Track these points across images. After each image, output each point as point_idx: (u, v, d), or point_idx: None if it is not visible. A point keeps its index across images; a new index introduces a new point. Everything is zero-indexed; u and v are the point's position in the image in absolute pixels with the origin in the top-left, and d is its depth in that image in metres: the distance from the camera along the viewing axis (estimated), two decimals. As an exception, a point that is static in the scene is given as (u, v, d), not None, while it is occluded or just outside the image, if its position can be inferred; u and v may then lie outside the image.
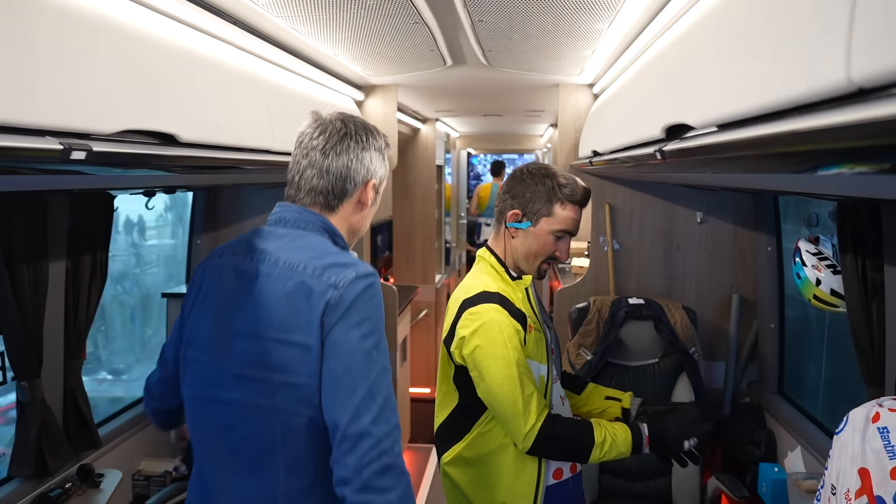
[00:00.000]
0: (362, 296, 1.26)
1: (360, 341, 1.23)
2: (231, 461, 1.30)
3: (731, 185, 1.89)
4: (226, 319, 1.32)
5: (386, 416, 1.21)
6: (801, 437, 2.71)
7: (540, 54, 2.46)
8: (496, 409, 1.67)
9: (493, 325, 1.65)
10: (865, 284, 2.12)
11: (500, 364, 1.63)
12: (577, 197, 1.73)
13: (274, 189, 3.36)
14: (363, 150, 1.42)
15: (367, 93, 3.37)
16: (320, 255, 1.31)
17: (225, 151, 1.59)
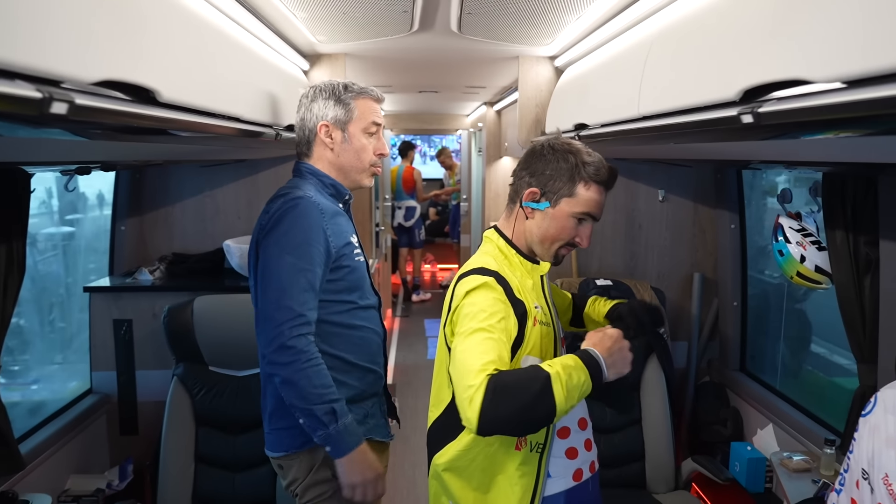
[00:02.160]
0: (284, 215, 1.67)
1: (275, 247, 1.66)
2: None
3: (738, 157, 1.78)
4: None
5: (286, 304, 1.62)
6: (773, 413, 2.71)
7: (520, 20, 2.27)
8: (452, 377, 1.43)
9: (481, 292, 1.46)
10: (857, 260, 2.09)
11: (470, 326, 1.41)
12: (602, 176, 1.53)
13: (209, 169, 3.02)
14: (311, 101, 1.80)
15: (312, 62, 3.07)
16: (279, 192, 1.77)
17: (208, 117, 1.31)
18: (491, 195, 5.86)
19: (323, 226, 1.69)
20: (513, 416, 1.32)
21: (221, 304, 2.62)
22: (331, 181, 1.82)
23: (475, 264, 1.54)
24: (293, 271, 1.64)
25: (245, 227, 3.14)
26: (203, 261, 3.04)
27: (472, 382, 1.32)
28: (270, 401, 1.82)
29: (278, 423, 1.81)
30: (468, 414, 1.31)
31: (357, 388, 1.83)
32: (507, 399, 1.30)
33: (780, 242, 2.35)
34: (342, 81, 1.82)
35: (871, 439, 1.56)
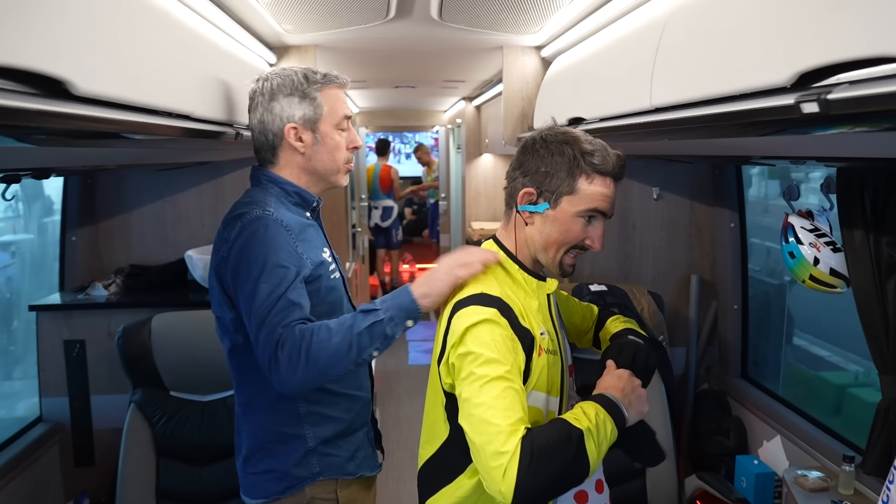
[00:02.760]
0: (247, 241, 1.45)
1: (246, 280, 1.43)
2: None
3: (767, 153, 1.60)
4: None
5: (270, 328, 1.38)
6: (779, 423, 2.54)
7: (507, 5, 2.07)
8: (473, 445, 1.21)
9: (485, 329, 1.25)
10: (879, 263, 1.92)
11: (484, 373, 1.21)
12: (607, 166, 1.32)
13: (169, 172, 2.77)
14: (270, 100, 1.55)
15: (279, 55, 2.83)
16: (233, 210, 1.56)
17: (138, 114, 1.08)
18: (471, 194, 5.66)
19: (292, 245, 1.49)
20: (550, 484, 1.16)
21: (183, 321, 2.38)
22: (294, 189, 1.59)
23: (474, 288, 1.33)
24: (270, 297, 1.41)
25: (209, 235, 2.87)
26: (163, 273, 2.79)
27: (504, 448, 1.14)
28: (246, 442, 1.63)
29: (256, 466, 1.62)
30: (501, 487, 1.13)
31: (345, 420, 1.64)
32: (545, 466, 1.14)
33: (791, 244, 2.17)
34: (300, 69, 1.56)
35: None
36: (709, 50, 1.17)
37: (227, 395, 2.33)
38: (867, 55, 0.79)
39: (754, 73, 1.00)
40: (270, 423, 1.59)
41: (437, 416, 1.41)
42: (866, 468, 1.99)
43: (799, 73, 0.91)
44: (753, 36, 1.03)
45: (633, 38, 1.59)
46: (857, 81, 0.81)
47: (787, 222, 2.22)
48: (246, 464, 1.63)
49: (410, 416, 4.45)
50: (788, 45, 0.93)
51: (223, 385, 2.33)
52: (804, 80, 0.92)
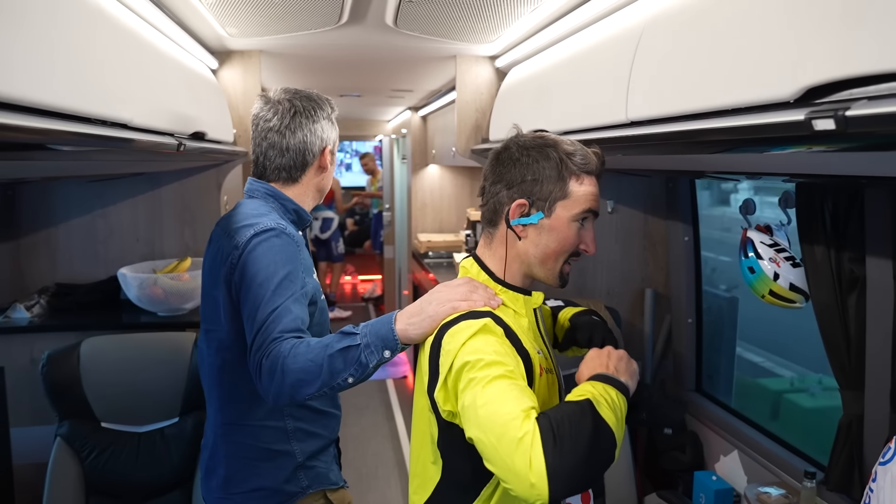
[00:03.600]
0: (256, 251, 1.45)
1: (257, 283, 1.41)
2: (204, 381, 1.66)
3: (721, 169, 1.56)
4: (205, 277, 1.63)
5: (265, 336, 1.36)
6: (735, 437, 2.53)
7: (465, 13, 1.99)
8: (486, 447, 1.08)
9: (480, 337, 1.17)
10: (840, 278, 1.92)
11: (486, 374, 1.11)
12: (592, 165, 1.28)
13: (100, 183, 2.57)
14: (314, 122, 1.65)
15: (221, 60, 2.68)
16: (241, 219, 1.54)
17: (66, 122, 0.94)
18: (417, 205, 5.56)
19: (301, 262, 1.50)
20: (580, 462, 1.02)
21: (116, 345, 2.20)
22: (294, 206, 1.64)
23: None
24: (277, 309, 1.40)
25: (145, 251, 2.70)
26: (93, 292, 2.59)
27: (521, 432, 1.02)
28: (225, 463, 1.61)
29: (241, 486, 1.60)
30: (531, 479, 0.99)
31: (324, 437, 1.69)
32: (570, 443, 1.02)
33: (751, 258, 2.16)
34: (323, 96, 1.71)
35: (895, 493, 1.37)
36: (698, 62, 1.11)
37: (165, 426, 2.15)
38: (892, 69, 0.73)
39: (750, 86, 0.95)
40: (258, 440, 1.58)
41: (427, 458, 1.30)
42: (829, 484, 1.98)
43: (806, 88, 0.86)
44: (752, 47, 0.97)
45: (605, 48, 1.53)
46: (879, 97, 0.75)
47: (745, 237, 2.21)
48: (227, 484, 1.60)
49: (356, 434, 4.31)
50: (794, 59, 0.87)
51: (160, 415, 2.16)
52: (809, 96, 0.87)
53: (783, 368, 7.02)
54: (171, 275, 2.45)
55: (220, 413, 1.61)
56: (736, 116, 0.97)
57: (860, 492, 1.90)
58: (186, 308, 2.50)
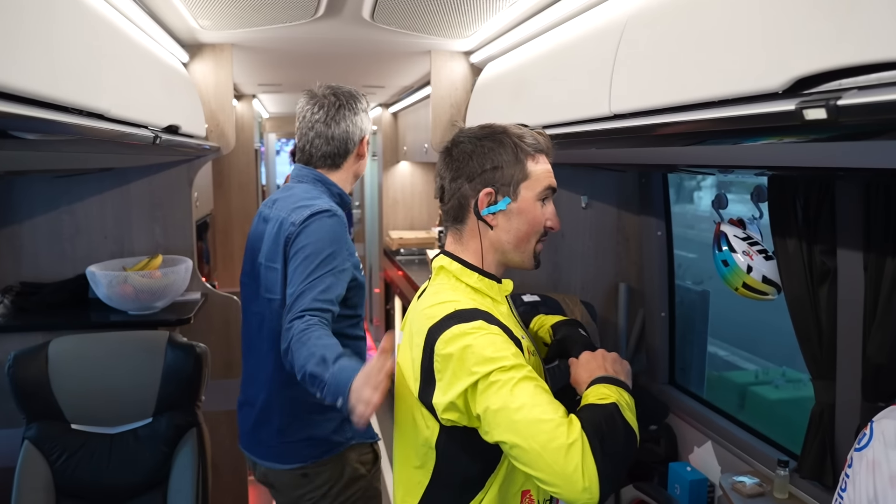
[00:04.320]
0: (312, 227, 1.70)
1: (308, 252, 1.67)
2: (252, 354, 1.90)
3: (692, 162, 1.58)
4: (254, 252, 1.87)
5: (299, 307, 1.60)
6: (709, 428, 2.58)
7: (443, 7, 1.98)
8: (527, 454, 1.09)
9: (486, 340, 1.17)
10: (812, 270, 1.97)
11: (510, 377, 1.13)
12: (541, 144, 1.33)
13: (66, 179, 2.49)
14: (355, 114, 1.86)
15: (192, 53, 2.62)
16: (296, 200, 1.78)
17: (38, 109, 0.90)
18: (389, 202, 5.53)
19: (350, 245, 1.75)
20: (619, 465, 1.09)
21: (86, 345, 2.13)
22: (338, 190, 1.87)
23: (443, 308, 1.23)
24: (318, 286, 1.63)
25: (114, 249, 2.63)
26: (60, 291, 2.51)
27: (570, 439, 1.05)
28: (280, 414, 1.85)
29: (294, 435, 1.85)
30: (585, 484, 1.04)
31: None
32: (611, 446, 1.08)
33: (725, 252, 2.20)
34: (360, 92, 1.90)
35: (871, 477, 1.40)
36: (684, 54, 1.12)
37: (138, 426, 2.10)
38: (881, 59, 0.74)
39: (739, 77, 0.96)
40: (311, 396, 1.62)
41: (412, 463, 1.30)
42: (802, 472, 2.03)
43: (795, 79, 0.87)
44: (736, 38, 0.98)
45: (587, 41, 1.54)
46: (869, 87, 0.76)
47: (719, 231, 2.25)
48: (282, 434, 1.85)
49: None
50: (783, 49, 0.88)
51: (133, 415, 2.10)
52: (798, 86, 0.88)
53: (748, 362, 7.18)
54: (141, 272, 2.40)
55: (277, 372, 1.80)
56: (725, 107, 0.98)
57: (832, 479, 1.95)
58: (158, 306, 2.44)
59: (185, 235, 2.69)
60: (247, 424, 1.93)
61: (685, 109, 1.10)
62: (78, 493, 2.05)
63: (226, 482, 2.85)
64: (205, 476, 2.09)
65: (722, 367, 6.88)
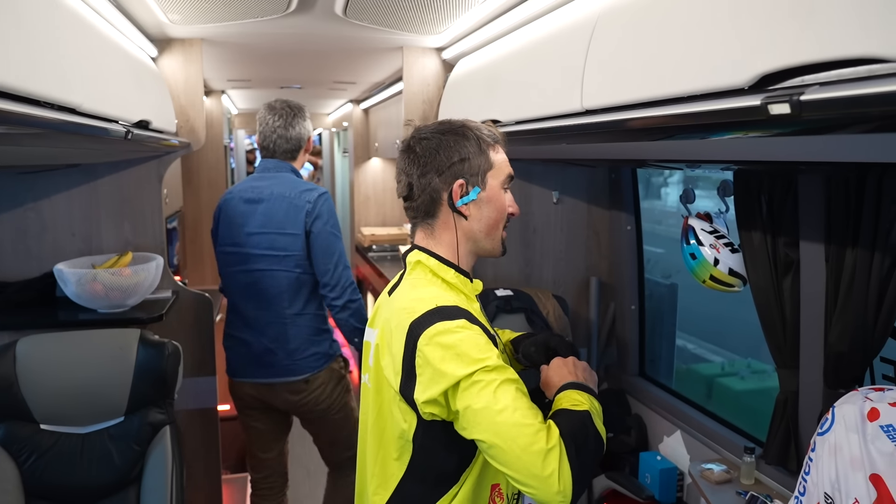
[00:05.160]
0: (324, 205, 2.48)
1: (328, 229, 2.47)
2: (257, 301, 2.49)
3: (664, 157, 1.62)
4: (241, 226, 2.49)
5: (343, 269, 2.48)
6: (678, 418, 2.64)
7: (413, 4, 1.99)
8: (506, 455, 1.15)
9: (471, 341, 1.20)
10: (776, 262, 2.02)
11: (492, 378, 1.17)
12: (495, 136, 1.40)
13: (31, 175, 2.45)
14: (304, 120, 2.61)
15: (161, 48, 2.59)
16: (294, 185, 2.50)
17: (9, 101, 0.89)
18: (360, 198, 5.52)
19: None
20: (589, 466, 1.18)
21: (55, 344, 2.10)
22: (299, 175, 2.63)
23: (426, 303, 1.25)
24: (341, 245, 2.51)
25: (82, 247, 2.58)
26: (27, 290, 2.46)
27: (550, 444, 1.12)
28: (295, 338, 2.51)
29: (306, 351, 2.53)
30: (559, 487, 1.10)
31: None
32: (584, 454, 1.15)
33: (693, 245, 2.25)
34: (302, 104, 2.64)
35: (833, 460, 1.45)
36: (654, 51, 1.15)
37: (109, 425, 2.08)
38: (841, 56, 0.78)
39: (707, 74, 0.99)
40: (317, 322, 2.56)
41: (388, 455, 1.32)
42: (768, 458, 2.09)
43: (760, 75, 0.90)
44: (704, 36, 1.01)
45: (559, 38, 1.56)
46: (830, 83, 0.80)
47: (687, 225, 2.30)
48: (293, 353, 2.51)
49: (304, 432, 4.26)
50: (748, 47, 0.91)
51: (104, 414, 2.07)
52: (763, 83, 0.91)
53: (714, 355, 7.33)
54: (111, 270, 2.36)
55: (290, 307, 2.49)
56: (693, 103, 1.01)
57: (797, 464, 2.01)
58: (128, 304, 2.41)
59: (155, 232, 2.66)
60: (249, 356, 2.53)
61: (655, 105, 1.13)
62: (48, 495, 2.02)
63: (199, 481, 2.83)
64: (180, 473, 2.07)
65: (689, 360, 7.02)
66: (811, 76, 0.85)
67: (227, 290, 2.58)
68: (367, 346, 1.44)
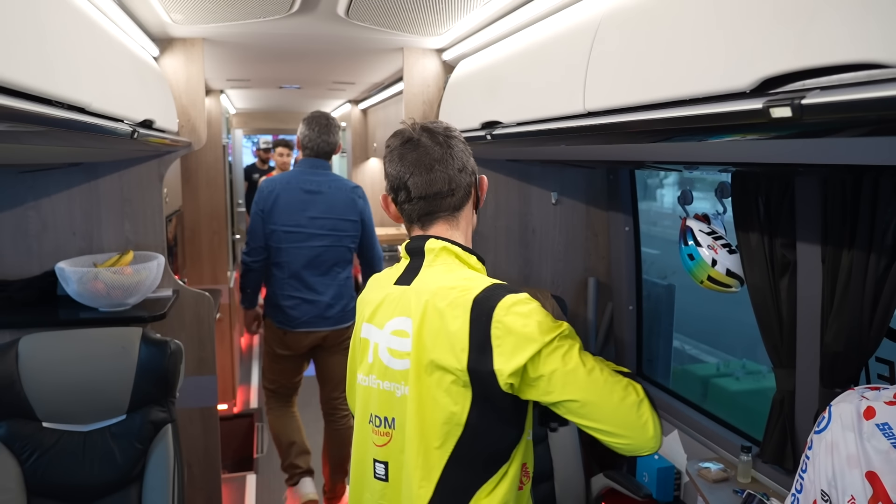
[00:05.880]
0: (366, 199, 3.31)
1: (369, 214, 3.32)
2: (320, 269, 3.18)
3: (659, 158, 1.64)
4: (302, 211, 3.14)
5: (378, 243, 3.40)
6: (675, 417, 2.66)
7: (419, 4, 2.00)
8: (601, 410, 1.24)
9: (542, 311, 1.30)
10: (773, 263, 2.05)
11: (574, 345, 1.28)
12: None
13: (31, 174, 2.45)
14: (338, 129, 3.30)
15: (163, 48, 2.60)
16: (344, 181, 3.31)
17: (22, 100, 0.91)
18: (358, 199, 5.52)
19: None
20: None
21: (57, 342, 2.11)
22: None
23: (480, 282, 1.31)
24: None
25: (82, 245, 2.59)
26: (28, 288, 2.47)
27: (639, 396, 1.27)
28: (332, 294, 3.22)
29: (350, 304, 3.27)
30: (652, 432, 1.26)
31: None
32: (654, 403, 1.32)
33: (691, 246, 2.27)
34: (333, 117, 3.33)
35: (830, 458, 1.47)
36: (656, 54, 1.17)
37: (111, 423, 2.08)
38: (843, 61, 0.80)
39: (710, 77, 1.01)
40: (352, 283, 3.32)
41: (431, 444, 1.30)
42: (764, 457, 2.11)
43: (762, 79, 0.92)
44: (707, 40, 1.03)
45: (561, 40, 1.58)
46: (831, 87, 0.82)
47: (685, 226, 2.32)
48: (346, 307, 3.26)
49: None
50: (751, 51, 0.93)
51: (106, 412, 2.08)
52: (765, 86, 0.93)
53: (709, 356, 7.37)
54: (112, 269, 2.37)
55: (342, 273, 3.25)
56: (696, 105, 1.03)
57: (793, 462, 2.03)
58: (129, 303, 2.42)
59: (155, 231, 2.67)
60: (312, 312, 3.18)
61: (658, 107, 1.14)
62: (50, 493, 2.03)
63: (199, 479, 2.84)
64: (181, 472, 2.08)
65: (685, 361, 7.06)
66: (812, 80, 0.87)
67: (286, 261, 3.15)
68: (366, 344, 1.43)
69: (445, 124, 1.42)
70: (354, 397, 1.51)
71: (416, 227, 1.42)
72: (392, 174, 1.39)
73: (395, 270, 1.44)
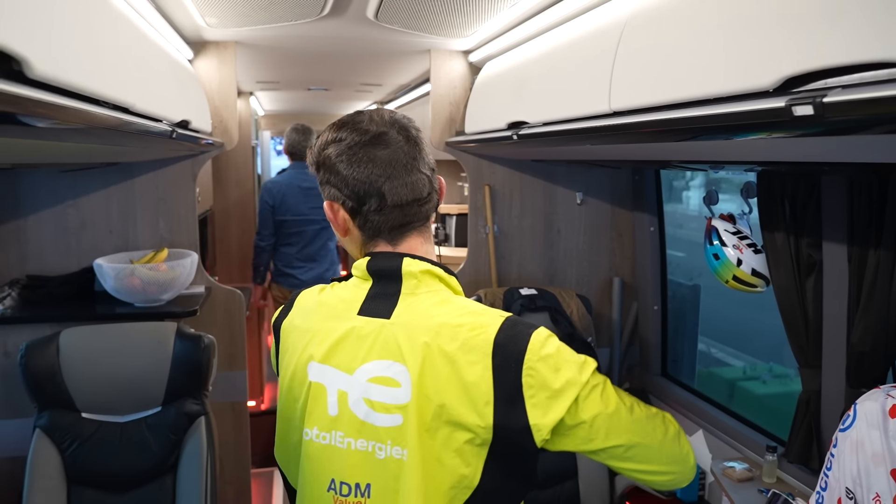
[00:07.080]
0: None
1: None
2: (318, 245, 4.11)
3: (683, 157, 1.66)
4: (303, 203, 4.00)
5: None
6: (700, 417, 2.66)
7: (446, 6, 2.04)
8: (649, 450, 1.08)
9: (563, 344, 1.08)
10: (799, 263, 2.05)
11: (611, 385, 1.11)
12: None
13: (70, 174, 2.54)
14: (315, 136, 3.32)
15: (196, 51, 2.67)
16: None
17: (90, 104, 0.96)
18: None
19: None
20: None
21: (95, 336, 2.19)
22: None
23: (489, 316, 1.07)
24: None
25: (119, 243, 2.67)
26: (67, 284, 2.55)
27: (675, 427, 1.16)
28: (335, 264, 4.08)
29: (338, 272, 3.76)
30: (691, 461, 1.16)
31: None
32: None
33: (716, 246, 2.27)
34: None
35: (855, 456, 1.48)
36: (681, 54, 1.19)
37: (147, 415, 2.16)
38: (864, 60, 0.81)
39: (733, 76, 1.03)
40: (335, 251, 4.17)
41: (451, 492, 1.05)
42: (790, 457, 2.11)
43: (785, 78, 0.94)
44: (731, 40, 1.05)
45: (587, 41, 1.61)
46: (852, 85, 0.84)
47: (710, 226, 2.32)
48: (326, 272, 4.01)
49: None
50: (774, 50, 0.95)
51: (143, 404, 2.16)
52: (788, 85, 0.95)
53: (735, 359, 7.30)
54: (148, 265, 2.45)
55: (332, 248, 4.09)
56: (719, 104, 1.05)
57: (818, 462, 2.03)
58: (164, 299, 2.49)
59: (188, 230, 2.74)
60: (316, 276, 3.98)
61: (682, 106, 1.17)
62: (88, 481, 2.10)
63: (228, 473, 2.90)
64: (213, 463, 2.14)
65: (711, 364, 7.00)
66: (834, 79, 0.88)
67: (296, 241, 4.00)
68: (321, 391, 1.09)
69: (401, 114, 1.15)
70: (290, 459, 1.18)
71: (380, 241, 1.13)
72: (357, 178, 1.07)
73: (349, 293, 1.14)
